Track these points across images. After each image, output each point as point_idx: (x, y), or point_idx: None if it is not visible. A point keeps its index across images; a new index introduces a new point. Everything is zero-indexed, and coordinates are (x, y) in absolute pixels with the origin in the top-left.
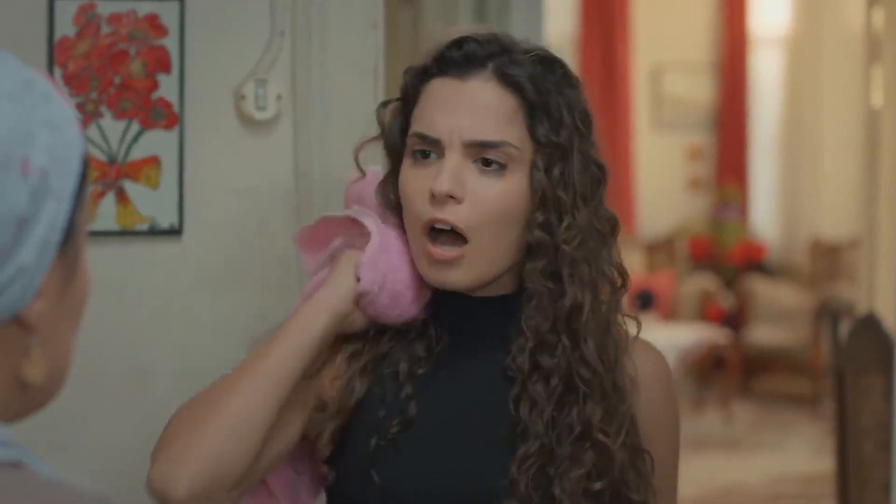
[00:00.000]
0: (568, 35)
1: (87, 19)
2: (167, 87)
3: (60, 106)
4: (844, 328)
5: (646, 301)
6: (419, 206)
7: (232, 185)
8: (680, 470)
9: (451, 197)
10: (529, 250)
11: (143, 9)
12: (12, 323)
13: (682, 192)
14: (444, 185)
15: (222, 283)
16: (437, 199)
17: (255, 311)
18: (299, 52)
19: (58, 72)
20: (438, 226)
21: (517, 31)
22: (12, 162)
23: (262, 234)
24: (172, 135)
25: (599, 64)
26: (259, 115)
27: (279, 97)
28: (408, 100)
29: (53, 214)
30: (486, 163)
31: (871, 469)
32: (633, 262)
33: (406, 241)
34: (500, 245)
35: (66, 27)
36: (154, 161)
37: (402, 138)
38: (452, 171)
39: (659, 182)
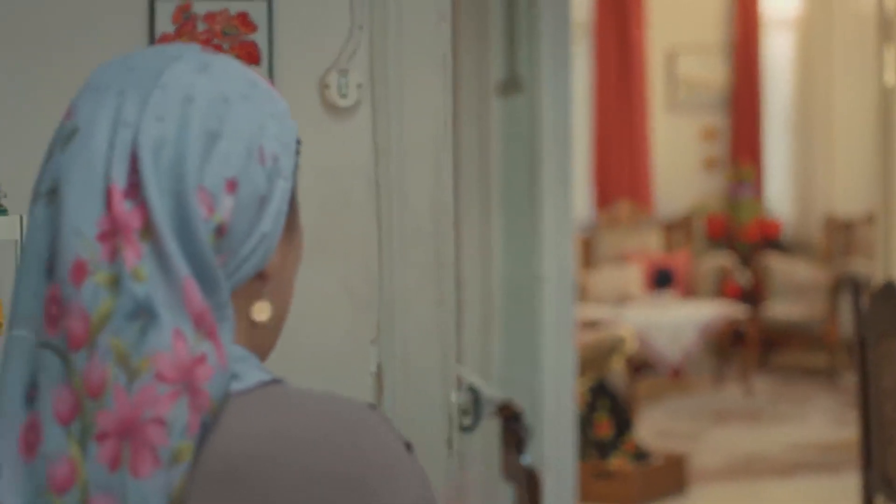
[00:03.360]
0: (583, 19)
1: (185, 17)
2: None
3: (279, 101)
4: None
5: (664, 279)
6: None
7: (317, 165)
8: (703, 440)
9: None
10: None
11: (235, 7)
12: (254, 277)
13: (698, 172)
14: None
15: (307, 255)
16: None
17: (337, 279)
18: (377, 45)
19: None
20: None
21: (545, 19)
22: (253, 152)
23: (344, 209)
24: None
25: (615, 47)
26: (341, 103)
27: (359, 85)
28: None
29: (282, 190)
30: None
31: (893, 429)
32: (651, 241)
33: None
34: None
35: (165, 25)
36: None
37: None
38: None
39: (675, 162)
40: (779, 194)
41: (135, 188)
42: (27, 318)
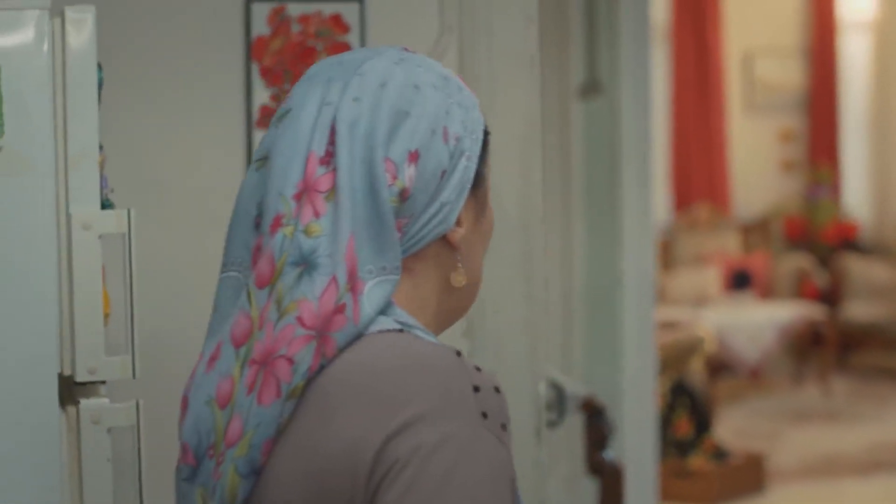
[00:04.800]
0: (661, 22)
1: (280, 20)
2: None
3: (469, 94)
4: None
5: (743, 280)
6: None
7: None
8: (782, 440)
9: None
10: None
11: (328, 9)
12: (443, 244)
13: (776, 174)
14: None
15: None
16: None
17: None
18: (466, 46)
19: (255, 67)
20: None
21: (625, 23)
22: (437, 131)
23: None
24: None
25: (692, 51)
26: None
27: None
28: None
29: (464, 168)
30: None
31: None
32: (730, 242)
33: None
34: None
35: (261, 27)
36: None
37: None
38: None
39: (753, 164)
40: (856, 195)
41: (329, 156)
42: (237, 263)
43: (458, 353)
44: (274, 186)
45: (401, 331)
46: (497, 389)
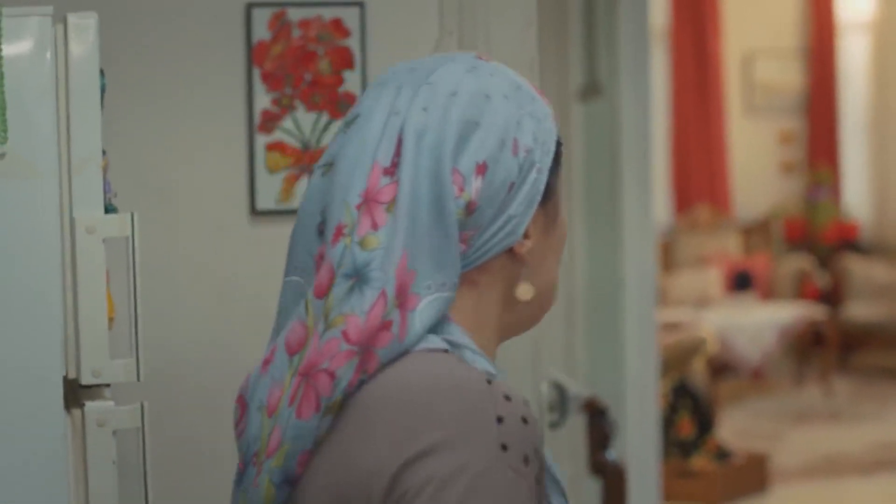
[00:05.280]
0: (660, 25)
1: (281, 24)
2: (352, 82)
3: (542, 105)
4: None
5: (744, 282)
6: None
7: None
8: (784, 440)
9: None
10: None
11: (329, 14)
12: (510, 256)
13: (776, 175)
14: None
15: None
16: None
17: None
18: (466, 48)
19: (256, 71)
20: None
21: (624, 25)
22: (507, 143)
23: None
24: None
25: (692, 52)
26: None
27: None
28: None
29: (534, 180)
30: None
31: None
32: (730, 244)
33: None
34: None
35: (262, 32)
36: None
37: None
38: None
39: (753, 166)
40: (856, 196)
41: (394, 167)
42: (300, 269)
43: (490, 381)
44: (338, 194)
45: (446, 350)
46: (525, 420)
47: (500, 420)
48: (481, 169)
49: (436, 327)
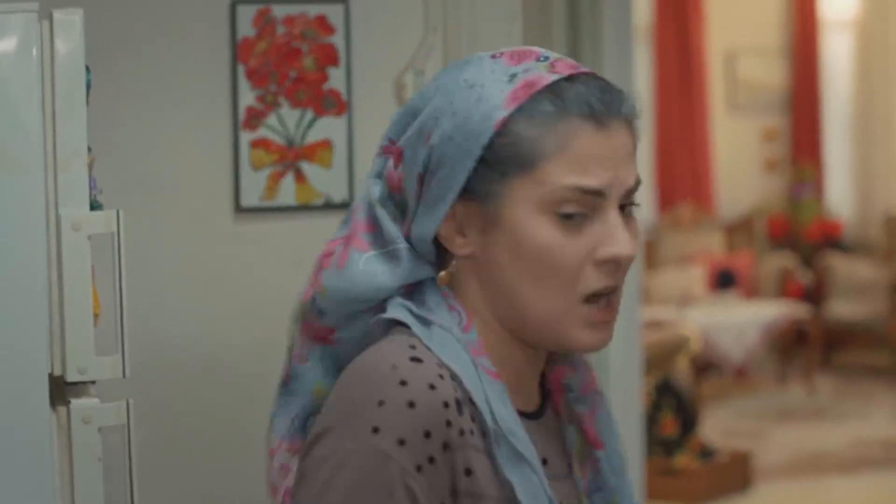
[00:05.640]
0: (643, 23)
1: (265, 21)
2: (336, 79)
3: (487, 106)
4: None
5: (727, 280)
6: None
7: None
8: (767, 439)
9: None
10: None
11: (313, 11)
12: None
13: (759, 173)
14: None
15: None
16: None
17: None
18: (450, 45)
19: (241, 68)
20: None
21: (608, 23)
22: (423, 134)
23: None
24: (342, 121)
25: (675, 50)
26: None
27: None
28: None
29: (444, 177)
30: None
31: None
32: (713, 242)
33: None
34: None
35: (246, 29)
36: (326, 144)
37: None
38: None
39: (736, 164)
40: (839, 194)
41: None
42: None
43: (414, 360)
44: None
45: (409, 326)
46: (412, 404)
47: (380, 404)
48: (400, 153)
49: (422, 295)
